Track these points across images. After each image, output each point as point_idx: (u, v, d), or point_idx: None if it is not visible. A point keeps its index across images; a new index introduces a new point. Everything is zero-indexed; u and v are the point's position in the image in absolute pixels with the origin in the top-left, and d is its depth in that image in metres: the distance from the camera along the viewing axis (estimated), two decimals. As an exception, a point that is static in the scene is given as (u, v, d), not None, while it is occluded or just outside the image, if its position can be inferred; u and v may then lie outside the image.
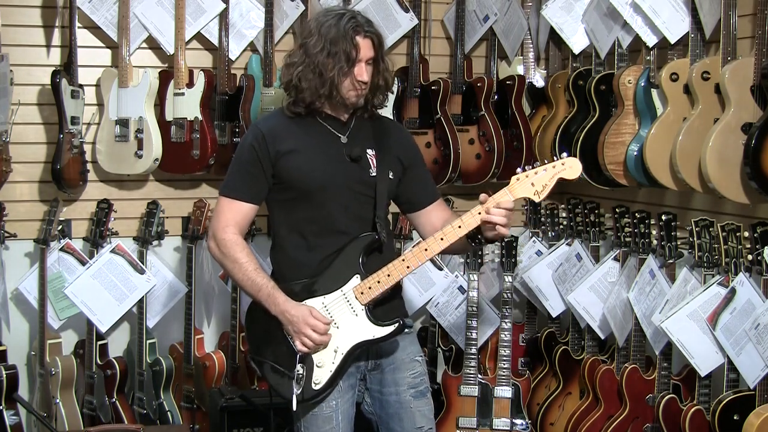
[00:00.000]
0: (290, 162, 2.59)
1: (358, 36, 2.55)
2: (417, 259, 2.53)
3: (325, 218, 2.60)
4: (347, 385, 2.64)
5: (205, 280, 4.05)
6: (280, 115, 2.67)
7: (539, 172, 2.52)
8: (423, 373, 2.75)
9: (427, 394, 2.75)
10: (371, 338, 2.56)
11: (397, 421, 2.69)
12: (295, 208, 2.62)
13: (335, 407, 2.61)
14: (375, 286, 2.54)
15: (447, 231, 2.51)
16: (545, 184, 2.51)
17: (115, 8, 3.88)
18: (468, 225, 2.50)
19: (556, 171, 2.51)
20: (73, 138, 3.81)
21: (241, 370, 4.00)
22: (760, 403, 3.01)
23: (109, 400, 3.91)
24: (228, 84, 3.95)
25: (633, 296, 3.47)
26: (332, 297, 2.57)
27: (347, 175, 2.61)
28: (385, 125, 2.76)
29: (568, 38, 3.93)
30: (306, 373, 2.55)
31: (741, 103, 3.10)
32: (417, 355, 2.76)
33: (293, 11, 4.02)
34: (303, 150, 2.59)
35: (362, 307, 2.56)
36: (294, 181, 2.59)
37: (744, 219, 3.20)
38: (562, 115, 3.99)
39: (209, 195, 4.13)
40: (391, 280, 2.54)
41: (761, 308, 3.04)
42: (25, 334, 3.99)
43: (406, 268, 2.53)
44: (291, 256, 2.64)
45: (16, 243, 3.89)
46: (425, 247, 2.53)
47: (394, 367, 2.69)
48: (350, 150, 2.62)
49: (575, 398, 3.89)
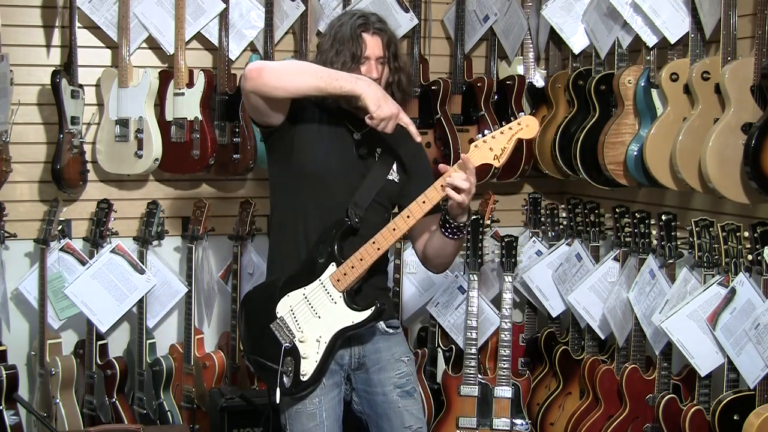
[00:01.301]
0: (303, 137, 2.60)
1: (366, 33, 2.57)
2: (386, 240, 2.52)
3: (319, 208, 2.60)
4: (331, 383, 2.64)
5: (205, 280, 4.05)
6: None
7: (496, 135, 2.48)
8: (409, 373, 2.75)
9: (414, 394, 2.75)
10: (350, 324, 2.56)
11: (386, 420, 2.70)
12: (294, 191, 2.63)
13: (318, 404, 2.62)
14: (349, 272, 2.54)
15: (412, 207, 2.50)
16: (504, 147, 2.48)
17: (115, 8, 3.88)
18: (432, 198, 2.48)
19: (513, 132, 2.48)
20: (73, 138, 3.81)
21: (241, 370, 4.00)
22: (760, 403, 3.01)
23: (109, 400, 3.91)
24: (228, 84, 3.95)
25: (633, 296, 3.47)
26: (312, 287, 2.58)
27: (349, 169, 2.63)
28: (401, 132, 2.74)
29: (568, 38, 3.93)
30: (294, 366, 2.56)
31: (741, 103, 3.10)
32: (403, 356, 2.76)
33: (293, 11, 4.02)
34: (316, 133, 2.61)
35: (339, 294, 2.56)
36: (297, 155, 2.60)
37: (744, 219, 3.20)
38: (562, 115, 3.99)
39: (209, 195, 4.14)
40: (364, 264, 2.54)
41: (761, 308, 3.05)
42: (25, 334, 3.99)
43: (376, 250, 2.52)
44: (282, 245, 2.66)
45: (16, 243, 3.89)
46: (393, 227, 2.52)
47: (379, 368, 2.69)
48: (360, 148, 2.64)
49: (575, 398, 3.89)
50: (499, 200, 4.07)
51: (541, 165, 4.12)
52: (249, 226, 3.95)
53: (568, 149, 3.83)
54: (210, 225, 3.98)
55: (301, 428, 2.63)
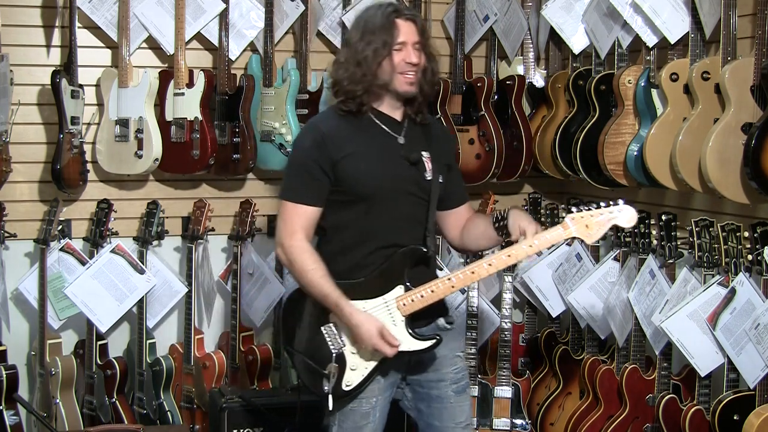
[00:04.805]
0: (350, 165, 2.56)
1: (399, 19, 2.56)
2: (462, 282, 2.56)
3: (378, 221, 2.59)
4: (388, 383, 2.65)
5: (205, 280, 4.05)
6: (334, 115, 2.64)
7: (594, 214, 2.55)
8: (465, 368, 2.78)
9: (467, 389, 2.78)
10: (407, 350, 2.56)
11: (437, 416, 2.71)
12: (349, 209, 2.61)
13: (375, 404, 2.63)
14: (417, 300, 2.55)
15: (496, 258, 2.53)
16: (599, 228, 2.54)
17: (115, 8, 3.88)
18: (516, 256, 2.53)
19: (612, 216, 2.55)
20: (73, 138, 3.81)
21: (241, 370, 4.00)
22: (760, 403, 3.01)
23: (109, 400, 3.91)
24: (228, 84, 3.95)
25: (633, 296, 3.47)
26: (374, 303, 2.57)
27: (406, 179, 2.62)
28: (434, 126, 2.75)
29: (568, 38, 3.93)
30: (338, 372, 2.57)
31: (741, 103, 3.10)
32: (459, 351, 2.79)
33: (293, 11, 4.02)
34: (362, 153, 2.58)
35: (402, 318, 2.56)
36: (353, 184, 2.58)
37: (744, 219, 3.20)
38: (562, 115, 3.99)
39: (209, 195, 4.14)
40: (434, 296, 2.56)
41: (761, 308, 3.04)
42: (25, 334, 3.99)
43: (450, 287, 2.55)
44: (341, 255, 2.63)
45: (16, 243, 3.89)
46: (472, 270, 2.55)
47: (436, 363, 2.70)
48: (408, 153, 2.62)
49: (575, 398, 3.89)
50: (499, 200, 4.07)
51: (541, 165, 4.12)
52: (249, 226, 3.95)
53: (568, 149, 3.83)
54: (210, 225, 3.97)
55: (352, 426, 2.63)
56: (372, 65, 2.53)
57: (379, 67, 2.54)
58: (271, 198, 4.15)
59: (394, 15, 2.55)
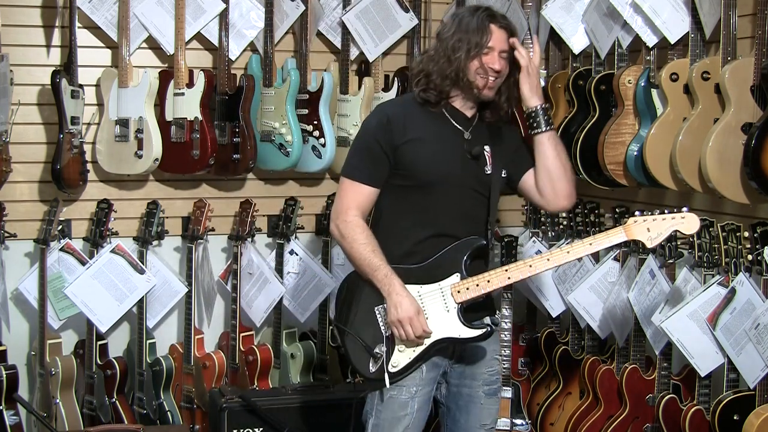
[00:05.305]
0: (412, 150, 2.62)
1: (493, 24, 2.62)
2: (519, 274, 2.59)
3: (435, 210, 2.64)
4: (430, 377, 2.67)
5: (206, 280, 4.05)
6: (408, 102, 2.71)
7: (657, 219, 2.58)
8: (499, 372, 2.82)
9: (498, 393, 2.82)
10: (457, 337, 2.60)
11: (465, 414, 2.74)
12: (407, 195, 2.66)
13: (414, 394, 2.64)
14: (473, 288, 2.59)
15: (555, 254, 2.58)
16: (660, 232, 2.58)
17: (115, 8, 3.88)
18: (576, 253, 2.59)
19: (675, 222, 2.59)
20: (73, 138, 3.81)
21: (241, 370, 4.00)
22: (760, 403, 3.01)
23: (109, 400, 3.91)
24: (228, 84, 3.95)
25: (633, 296, 3.47)
26: (429, 288, 2.61)
27: (466, 171, 2.66)
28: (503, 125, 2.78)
29: (568, 38, 3.93)
30: (386, 354, 2.59)
31: (741, 103, 3.09)
32: (497, 353, 2.83)
33: (293, 11, 4.02)
34: (426, 140, 2.63)
35: (455, 305, 2.60)
36: (413, 170, 2.63)
37: (744, 219, 3.19)
38: (562, 115, 3.98)
39: (209, 195, 4.14)
40: (489, 286, 2.60)
41: (761, 308, 3.04)
42: (25, 334, 3.99)
43: (506, 278, 2.59)
44: (395, 240, 2.66)
45: (16, 243, 3.89)
46: (530, 263, 2.59)
47: (475, 361, 2.73)
48: (471, 146, 2.67)
49: (575, 398, 3.89)
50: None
51: (541, 165, 4.11)
52: (249, 226, 3.95)
53: (568, 149, 3.78)
54: (210, 225, 3.98)
55: (391, 415, 2.65)
56: (462, 63, 2.60)
57: (467, 66, 2.60)
58: (272, 198, 4.16)
59: (489, 20, 2.62)
